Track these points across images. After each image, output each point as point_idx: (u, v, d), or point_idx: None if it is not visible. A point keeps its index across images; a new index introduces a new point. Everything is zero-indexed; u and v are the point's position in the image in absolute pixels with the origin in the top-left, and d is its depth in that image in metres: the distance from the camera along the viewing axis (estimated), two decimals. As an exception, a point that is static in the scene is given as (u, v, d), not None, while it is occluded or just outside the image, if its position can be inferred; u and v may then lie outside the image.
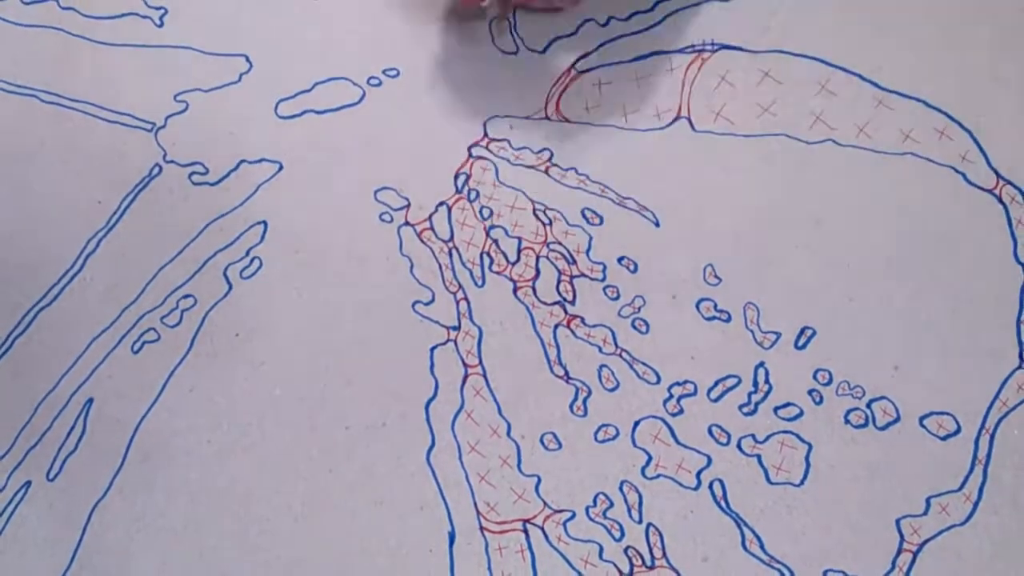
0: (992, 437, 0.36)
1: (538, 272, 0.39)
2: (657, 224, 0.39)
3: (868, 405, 0.37)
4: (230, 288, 0.39)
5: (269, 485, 0.37)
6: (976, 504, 0.36)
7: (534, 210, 0.39)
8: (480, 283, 0.39)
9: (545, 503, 0.37)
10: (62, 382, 0.38)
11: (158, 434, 0.37)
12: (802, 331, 0.38)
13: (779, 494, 0.36)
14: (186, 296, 0.39)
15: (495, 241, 0.39)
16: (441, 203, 0.39)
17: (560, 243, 0.39)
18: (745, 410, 0.37)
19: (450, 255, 0.39)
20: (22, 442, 0.37)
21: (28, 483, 0.37)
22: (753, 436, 0.37)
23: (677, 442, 0.37)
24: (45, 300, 0.38)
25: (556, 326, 0.38)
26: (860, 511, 0.36)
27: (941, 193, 0.39)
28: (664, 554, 0.36)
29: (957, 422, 0.36)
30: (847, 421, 0.37)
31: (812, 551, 0.36)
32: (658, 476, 0.37)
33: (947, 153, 0.39)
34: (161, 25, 0.41)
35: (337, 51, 0.41)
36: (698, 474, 0.37)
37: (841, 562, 0.36)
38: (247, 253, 0.39)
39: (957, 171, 0.39)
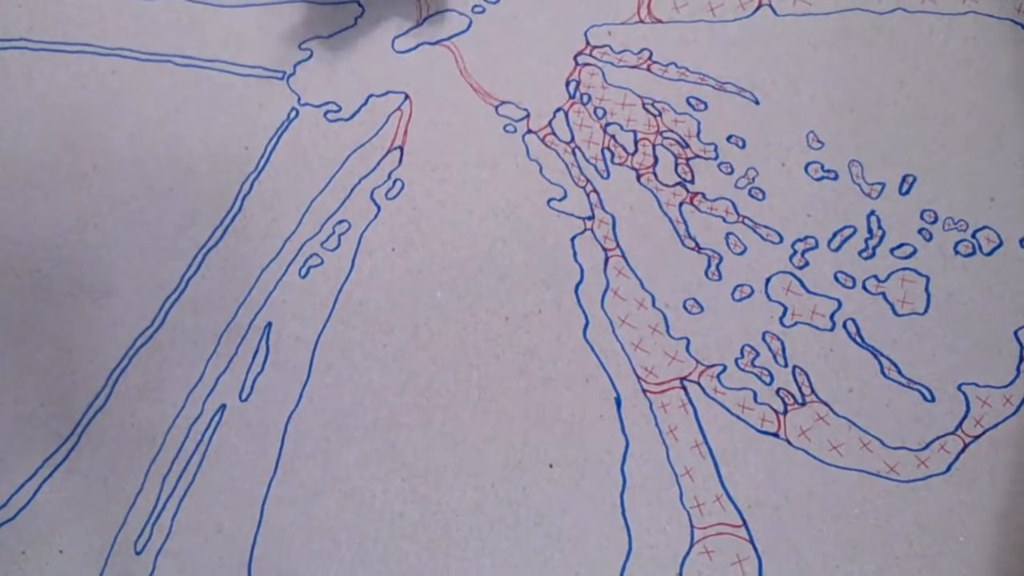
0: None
1: (656, 159, 0.42)
2: (757, 102, 0.42)
3: (973, 235, 0.40)
4: (379, 209, 0.41)
5: (446, 376, 0.39)
6: (1083, 309, 0.39)
7: (643, 104, 0.42)
8: (605, 175, 0.41)
9: (697, 361, 0.39)
10: (240, 312, 0.40)
11: (337, 345, 0.39)
12: (904, 178, 0.41)
13: (907, 324, 0.39)
14: (340, 221, 0.41)
15: (612, 136, 0.42)
16: (558, 109, 0.42)
17: (672, 130, 0.42)
18: (864, 255, 0.40)
19: (574, 154, 0.42)
20: (211, 370, 0.40)
21: (223, 406, 0.39)
22: (875, 276, 0.40)
23: (807, 291, 0.40)
24: (211, 242, 0.41)
25: (681, 204, 0.41)
26: (981, 328, 0.39)
27: (1004, 43, 0.42)
28: (813, 390, 0.39)
29: (1054, 240, 0.40)
30: (957, 252, 0.40)
31: (944, 369, 0.39)
32: (796, 323, 0.40)
33: (1004, 8, 0.42)
34: (275, -16, 0.44)
35: (440, -13, 0.44)
36: (831, 316, 0.40)
37: (972, 375, 0.38)
38: (389, 176, 0.42)
39: (1016, 23, 0.42)
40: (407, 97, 0.42)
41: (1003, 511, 0.37)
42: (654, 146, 0.42)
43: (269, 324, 0.40)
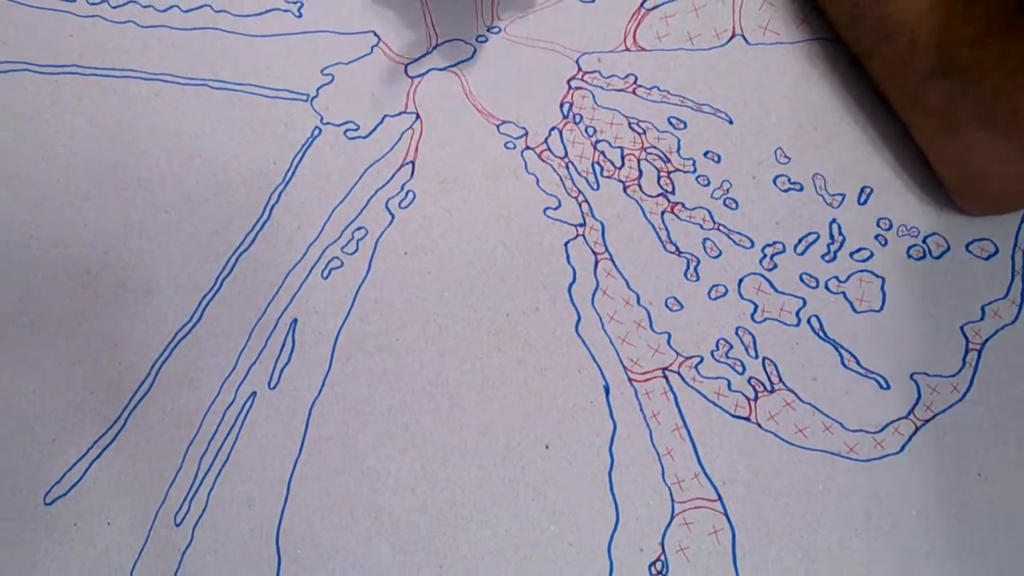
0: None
1: (640, 172, 0.44)
2: (731, 122, 0.45)
3: (924, 241, 0.43)
4: (393, 217, 0.44)
5: (452, 367, 0.42)
6: (1020, 305, 0.42)
7: (629, 124, 0.45)
8: (595, 187, 0.44)
9: (677, 352, 0.42)
10: (268, 309, 0.43)
11: (356, 338, 0.42)
12: (862, 190, 0.44)
13: (865, 320, 0.42)
14: (358, 228, 0.44)
15: (602, 152, 0.45)
16: (553, 128, 0.45)
17: (655, 147, 0.45)
18: (827, 258, 0.43)
19: (567, 168, 0.45)
20: (243, 361, 0.42)
21: (254, 394, 0.42)
22: (836, 277, 0.43)
23: (776, 290, 0.43)
24: (243, 246, 0.44)
25: (663, 213, 0.44)
26: (931, 324, 0.41)
27: (954, 69, 0.45)
28: (780, 379, 0.42)
29: (995, 245, 0.43)
30: (909, 256, 0.43)
31: (899, 361, 0.41)
32: (765, 319, 0.42)
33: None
34: (300, 16, 0.47)
35: (448, 18, 0.47)
36: (797, 313, 0.42)
37: (923, 366, 0.41)
38: (402, 188, 0.44)
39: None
40: (418, 117, 0.45)
41: (951, 487, 0.40)
42: (639, 161, 0.45)
43: (295, 320, 0.43)
